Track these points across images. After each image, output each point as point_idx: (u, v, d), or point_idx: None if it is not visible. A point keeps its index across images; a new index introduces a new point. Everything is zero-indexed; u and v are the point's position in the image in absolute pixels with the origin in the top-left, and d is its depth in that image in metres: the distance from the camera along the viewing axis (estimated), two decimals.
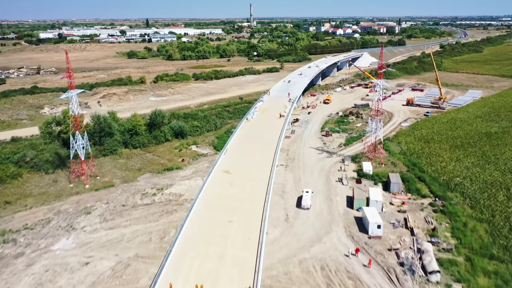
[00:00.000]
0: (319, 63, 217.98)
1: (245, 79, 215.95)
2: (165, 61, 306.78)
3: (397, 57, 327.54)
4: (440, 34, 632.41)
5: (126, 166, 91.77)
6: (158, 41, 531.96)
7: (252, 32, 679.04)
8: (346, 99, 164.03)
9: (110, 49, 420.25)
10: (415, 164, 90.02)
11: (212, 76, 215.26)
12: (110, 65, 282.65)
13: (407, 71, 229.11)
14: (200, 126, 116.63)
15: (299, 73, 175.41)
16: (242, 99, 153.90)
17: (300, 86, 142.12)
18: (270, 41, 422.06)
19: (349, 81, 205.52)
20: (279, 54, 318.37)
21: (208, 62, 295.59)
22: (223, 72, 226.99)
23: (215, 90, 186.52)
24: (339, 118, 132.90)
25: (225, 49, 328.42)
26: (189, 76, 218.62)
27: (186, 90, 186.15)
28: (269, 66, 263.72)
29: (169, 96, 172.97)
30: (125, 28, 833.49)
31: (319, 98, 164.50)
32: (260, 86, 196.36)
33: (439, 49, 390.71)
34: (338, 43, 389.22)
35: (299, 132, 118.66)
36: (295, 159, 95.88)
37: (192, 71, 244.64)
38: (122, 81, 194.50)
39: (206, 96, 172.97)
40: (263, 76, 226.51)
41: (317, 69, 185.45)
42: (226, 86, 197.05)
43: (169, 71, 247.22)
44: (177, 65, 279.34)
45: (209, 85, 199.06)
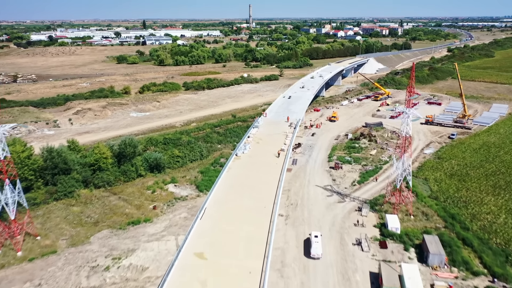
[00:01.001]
0: (323, 71, 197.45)
1: (241, 89, 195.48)
2: (156, 67, 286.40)
3: (404, 62, 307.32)
4: (445, 36, 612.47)
5: (80, 218, 71.10)
6: (152, 43, 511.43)
7: (251, 34, 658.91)
8: (355, 115, 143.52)
9: (100, 52, 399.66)
10: (453, 216, 69.44)
11: (204, 86, 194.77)
12: (96, 72, 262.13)
13: (419, 79, 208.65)
14: (182, 155, 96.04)
15: (301, 85, 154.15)
16: (235, 116, 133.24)
17: (302, 105, 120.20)
18: (269, 45, 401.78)
19: (356, 92, 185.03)
20: (279, 59, 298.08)
21: (202, 68, 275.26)
22: (217, 80, 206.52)
23: (206, 103, 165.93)
24: (348, 142, 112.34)
25: (221, 54, 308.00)
26: (179, 85, 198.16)
27: (174, 103, 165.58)
28: (268, 73, 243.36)
29: (153, 111, 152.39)
30: (121, 30, 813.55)
31: (324, 114, 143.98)
32: (257, 98, 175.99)
33: (447, 53, 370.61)
34: (341, 47, 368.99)
35: (302, 161, 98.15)
36: (297, 206, 75.37)
37: (183, 79, 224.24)
38: (103, 92, 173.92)
39: (195, 111, 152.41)
40: (260, 86, 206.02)
41: (321, 80, 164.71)
42: (219, 97, 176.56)
43: (158, 79, 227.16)
44: (168, 72, 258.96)
45: (200, 97, 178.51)
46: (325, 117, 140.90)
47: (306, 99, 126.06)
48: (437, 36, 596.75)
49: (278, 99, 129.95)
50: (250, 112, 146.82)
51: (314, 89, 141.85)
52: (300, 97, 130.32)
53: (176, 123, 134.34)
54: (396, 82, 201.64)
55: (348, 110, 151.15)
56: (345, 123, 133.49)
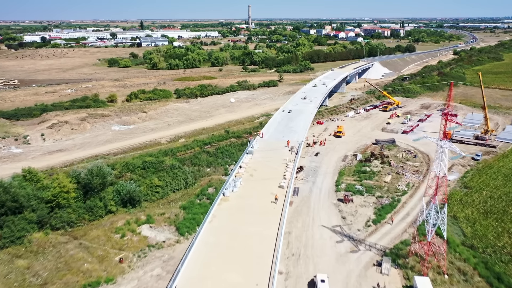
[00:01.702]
0: (326, 78, 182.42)
1: (237, 97, 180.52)
2: (149, 71, 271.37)
3: (409, 66, 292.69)
4: (448, 38, 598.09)
5: (24, 277, 56.05)
6: (148, 45, 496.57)
7: (250, 36, 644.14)
8: (363, 129, 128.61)
9: (93, 55, 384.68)
10: (499, 277, 54.49)
11: (197, 93, 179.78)
12: (84, 76, 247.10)
13: (429, 86, 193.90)
14: (163, 184, 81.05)
15: (302, 96, 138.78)
16: (228, 132, 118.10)
17: (304, 122, 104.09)
18: (268, 47, 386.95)
19: (362, 100, 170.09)
20: (278, 62, 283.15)
21: (197, 72, 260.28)
22: (211, 87, 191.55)
23: (197, 114, 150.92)
24: (358, 165, 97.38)
25: (217, 57, 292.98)
26: (170, 92, 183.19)
27: (162, 114, 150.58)
28: (266, 78, 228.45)
29: (138, 123, 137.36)
30: (117, 31, 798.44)
31: (328, 128, 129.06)
32: (254, 107, 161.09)
33: (453, 56, 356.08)
34: (343, 49, 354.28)
35: (305, 190, 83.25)
36: (300, 257, 60.40)
37: (176, 84, 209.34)
38: (86, 101, 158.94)
39: (185, 123, 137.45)
40: (258, 93, 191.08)
41: (324, 90, 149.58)
42: (213, 107, 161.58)
43: (149, 85, 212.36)
44: (161, 76, 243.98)
45: (191, 106, 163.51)
46: (329, 131, 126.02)
47: (309, 114, 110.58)
48: (440, 38, 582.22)
49: (277, 114, 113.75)
50: (246, 126, 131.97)
51: (317, 101, 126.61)
52: (301, 111, 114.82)
53: (162, 139, 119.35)
54: (405, 89, 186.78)
55: (355, 123, 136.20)
56: (353, 139, 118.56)
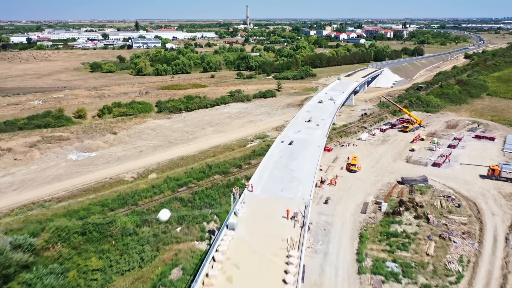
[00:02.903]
0: (332, 90, 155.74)
1: (228, 111, 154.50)
2: (134, 77, 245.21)
3: (420, 71, 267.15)
4: (455, 39, 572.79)
5: None
6: (139, 47, 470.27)
7: (247, 37, 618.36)
8: (382, 159, 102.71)
9: (78, 58, 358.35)
10: None
11: (181, 107, 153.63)
12: (59, 84, 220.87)
13: (450, 98, 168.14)
14: (104, 266, 55.05)
15: (306, 117, 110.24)
16: (211, 167, 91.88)
17: (311, 162, 73.30)
18: (266, 50, 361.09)
19: (375, 117, 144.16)
20: (276, 68, 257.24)
21: (187, 79, 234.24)
22: (199, 99, 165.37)
23: (179, 135, 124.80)
24: (384, 220, 71.59)
25: (210, 61, 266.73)
26: (150, 106, 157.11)
27: (136, 135, 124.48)
28: (263, 86, 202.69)
29: (103, 149, 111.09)
30: (111, 31, 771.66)
31: (339, 157, 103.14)
32: (247, 125, 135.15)
33: (465, 60, 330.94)
34: (346, 52, 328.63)
35: (314, 270, 57.42)
36: None
37: (159, 95, 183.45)
38: (46, 119, 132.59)
39: (161, 149, 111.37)
40: (253, 105, 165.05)
41: (332, 107, 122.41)
42: (198, 125, 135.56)
43: (129, 94, 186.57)
44: (145, 84, 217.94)
45: (173, 124, 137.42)
46: (340, 161, 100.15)
47: (316, 147, 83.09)
48: (446, 40, 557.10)
49: (274, 149, 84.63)
50: (236, 153, 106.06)
51: (325, 126, 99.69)
52: (306, 142, 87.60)
53: (127, 174, 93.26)
54: (423, 101, 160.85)
55: (371, 149, 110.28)
56: (371, 174, 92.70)
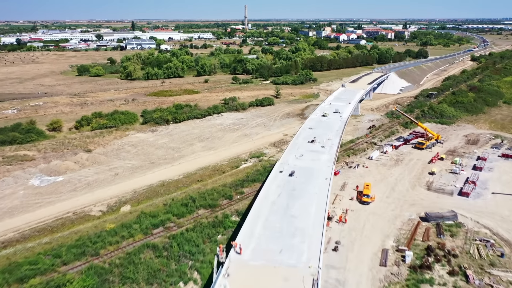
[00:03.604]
0: (337, 100, 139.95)
1: (220, 123, 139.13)
2: (122, 81, 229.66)
3: (427, 75, 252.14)
4: (457, 41, 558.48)
5: None
6: (133, 48, 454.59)
7: (245, 37, 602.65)
8: (398, 186, 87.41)
9: (67, 60, 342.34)
10: None
11: (168, 118, 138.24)
12: (41, 89, 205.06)
13: (465, 106, 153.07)
14: None
15: (309, 135, 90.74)
16: (194, 201, 76.29)
17: (317, 204, 56.07)
18: (264, 52, 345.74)
19: (384, 130, 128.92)
20: (275, 71, 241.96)
21: (179, 84, 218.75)
22: (189, 108, 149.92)
23: (162, 152, 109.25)
24: (411, 276, 56.31)
25: (204, 65, 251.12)
26: (134, 116, 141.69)
27: (114, 153, 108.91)
28: (260, 92, 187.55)
29: (72, 172, 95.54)
30: (106, 32, 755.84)
31: (348, 183, 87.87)
32: (241, 140, 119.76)
33: (472, 63, 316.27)
34: (348, 55, 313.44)
35: None
36: None
37: (147, 102, 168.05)
38: (13, 133, 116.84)
39: (140, 171, 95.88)
40: (249, 115, 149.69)
41: (338, 122, 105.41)
42: (186, 140, 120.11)
43: (114, 102, 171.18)
44: (133, 90, 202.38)
45: (158, 139, 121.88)
46: (349, 189, 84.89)
47: (323, 179, 64.90)
48: (449, 41, 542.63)
49: (270, 182, 67.61)
50: (227, 177, 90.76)
51: (332, 149, 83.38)
52: (310, 171, 70.10)
53: (95, 207, 77.80)
54: (436, 111, 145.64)
55: (384, 172, 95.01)
56: (387, 207, 77.41)
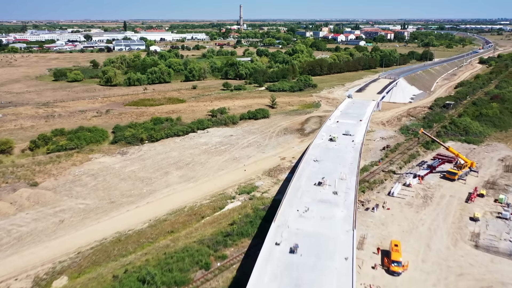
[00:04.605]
0: (345, 116, 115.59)
1: (205, 142, 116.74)
2: (101, 88, 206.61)
3: (437, 80, 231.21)
4: (460, 41, 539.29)
5: None
6: (121, 49, 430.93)
7: (239, 38, 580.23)
8: (434, 241, 65.36)
9: (47, 62, 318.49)
10: None
11: (143, 136, 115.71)
12: (6, 98, 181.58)
13: (491, 120, 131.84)
14: None
15: (314, 173, 62.83)
16: (154, 277, 54.02)
17: None
18: (259, 54, 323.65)
19: (402, 152, 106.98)
20: (271, 76, 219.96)
21: (163, 91, 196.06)
22: (169, 123, 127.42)
23: (128, 186, 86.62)
24: None
25: (193, 69, 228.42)
26: (104, 134, 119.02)
27: (67, 186, 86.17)
28: (254, 101, 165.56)
29: (4, 218, 72.66)
30: (96, 32, 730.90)
31: (367, 235, 65.77)
32: (229, 167, 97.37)
33: (481, 65, 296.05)
34: (349, 57, 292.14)
35: None
36: None
37: (124, 114, 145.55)
38: None
39: (93, 217, 73.25)
40: (240, 131, 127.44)
41: (353, 151, 79.81)
42: (161, 167, 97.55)
43: (86, 114, 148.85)
44: (111, 98, 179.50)
45: (126, 164, 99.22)
46: (369, 245, 62.84)
47: (342, 260, 42.78)
48: (451, 42, 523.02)
49: (261, 266, 44.04)
50: (206, 227, 68.54)
51: (349, 197, 57.12)
52: (320, 240, 43.50)
53: (17, 281, 55.20)
54: (459, 126, 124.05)
55: (412, 217, 73.01)
56: (426, 280, 55.37)
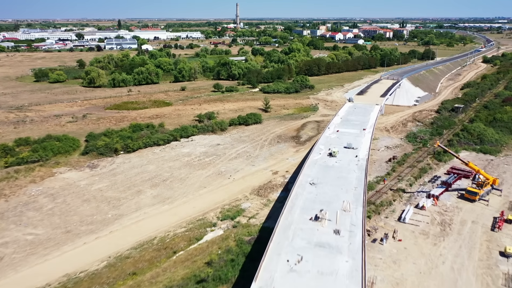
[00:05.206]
0: (346, 124, 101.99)
1: (188, 152, 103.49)
2: (84, 89, 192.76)
3: (441, 81, 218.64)
4: (461, 40, 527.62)
5: None
6: (112, 48, 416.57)
7: (235, 37, 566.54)
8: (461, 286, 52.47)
9: (32, 62, 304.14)
10: None
11: (117, 147, 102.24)
12: None
13: (507, 126, 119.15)
14: None
15: (312, 208, 48.82)
16: None
17: None
18: (254, 53, 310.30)
19: (411, 165, 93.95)
20: (265, 77, 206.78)
21: (149, 92, 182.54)
22: (149, 130, 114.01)
23: (91, 209, 73.17)
24: None
25: (182, 69, 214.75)
26: (76, 143, 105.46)
27: (18, 210, 72.66)
28: (246, 104, 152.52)
29: None
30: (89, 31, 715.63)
31: (376, 278, 52.77)
32: (212, 183, 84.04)
33: (485, 64, 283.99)
34: (348, 56, 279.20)
35: None
36: None
37: (102, 119, 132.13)
38: None
39: (41, 252, 59.95)
40: (228, 140, 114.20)
41: (357, 171, 64.67)
42: (134, 183, 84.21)
43: (61, 119, 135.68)
44: (91, 101, 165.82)
45: (94, 181, 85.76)
46: None
47: None
48: (452, 40, 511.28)
49: None
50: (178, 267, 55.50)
51: (354, 240, 44.91)
52: None
53: None
54: (473, 134, 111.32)
55: (429, 251, 59.91)
56: None
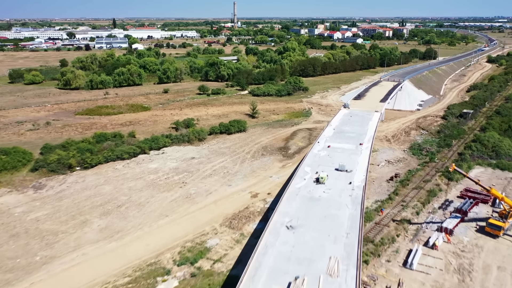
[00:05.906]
0: (339, 137, 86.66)
1: (155, 169, 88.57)
2: (58, 92, 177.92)
3: (445, 82, 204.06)
4: (462, 39, 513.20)
5: None
6: (101, 48, 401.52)
7: (230, 36, 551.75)
8: None
9: (13, 62, 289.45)
10: None
11: (72, 162, 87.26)
12: None
13: None
14: None
15: (288, 271, 33.96)
16: None
17: None
18: (247, 52, 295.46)
19: (417, 186, 79.35)
20: (256, 78, 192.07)
21: (128, 95, 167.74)
22: (116, 141, 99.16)
23: (13, 251, 58.21)
24: None
25: (167, 70, 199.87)
26: (27, 157, 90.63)
27: None
28: (232, 110, 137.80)
29: None
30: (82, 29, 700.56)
31: None
32: (177, 210, 69.19)
33: (490, 64, 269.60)
34: (346, 56, 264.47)
35: None
36: None
37: (69, 126, 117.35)
38: None
39: None
40: (205, 152, 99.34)
41: (351, 208, 49.39)
42: (80, 211, 69.28)
43: (23, 126, 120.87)
44: (62, 105, 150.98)
45: (33, 207, 70.94)
46: None
47: None
48: (453, 39, 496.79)
49: None
50: None
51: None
52: None
53: None
54: (487, 145, 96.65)
55: None
56: None
